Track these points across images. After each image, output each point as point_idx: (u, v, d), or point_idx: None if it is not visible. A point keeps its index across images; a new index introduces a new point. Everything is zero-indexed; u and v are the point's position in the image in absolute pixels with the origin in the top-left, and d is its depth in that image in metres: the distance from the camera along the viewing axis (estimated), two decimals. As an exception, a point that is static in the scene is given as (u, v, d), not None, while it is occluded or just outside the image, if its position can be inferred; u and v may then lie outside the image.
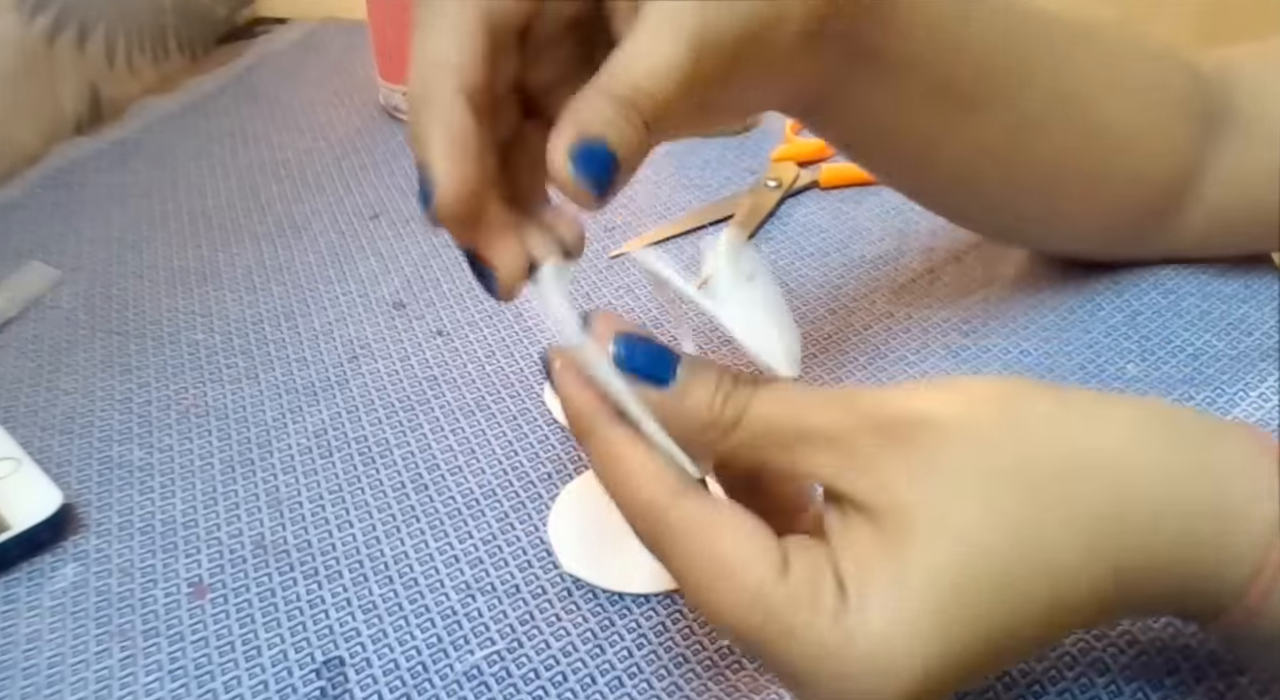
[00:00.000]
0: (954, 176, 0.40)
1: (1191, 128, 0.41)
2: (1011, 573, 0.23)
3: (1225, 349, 0.42)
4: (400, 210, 0.60)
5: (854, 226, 0.55)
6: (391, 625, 0.35)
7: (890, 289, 0.50)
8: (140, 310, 0.52)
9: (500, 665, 0.34)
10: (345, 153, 0.67)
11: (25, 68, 0.64)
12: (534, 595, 0.36)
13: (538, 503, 0.40)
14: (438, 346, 0.48)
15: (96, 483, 0.42)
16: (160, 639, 0.35)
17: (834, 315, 0.48)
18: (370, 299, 0.52)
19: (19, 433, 0.43)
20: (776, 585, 0.23)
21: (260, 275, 0.55)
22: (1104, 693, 0.30)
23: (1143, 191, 0.42)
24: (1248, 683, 0.30)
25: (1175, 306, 0.45)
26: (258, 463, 0.42)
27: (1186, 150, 0.41)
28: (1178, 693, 0.30)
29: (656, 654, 0.34)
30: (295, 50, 0.83)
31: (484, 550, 0.38)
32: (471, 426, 0.44)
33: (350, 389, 0.46)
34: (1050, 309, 0.46)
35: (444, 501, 0.40)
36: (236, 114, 0.73)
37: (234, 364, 0.48)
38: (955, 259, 0.51)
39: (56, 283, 0.55)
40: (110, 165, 0.66)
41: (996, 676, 0.31)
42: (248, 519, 0.40)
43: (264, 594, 0.37)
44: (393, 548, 0.38)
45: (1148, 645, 0.31)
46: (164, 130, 0.70)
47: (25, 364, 0.49)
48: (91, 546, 0.39)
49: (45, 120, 0.67)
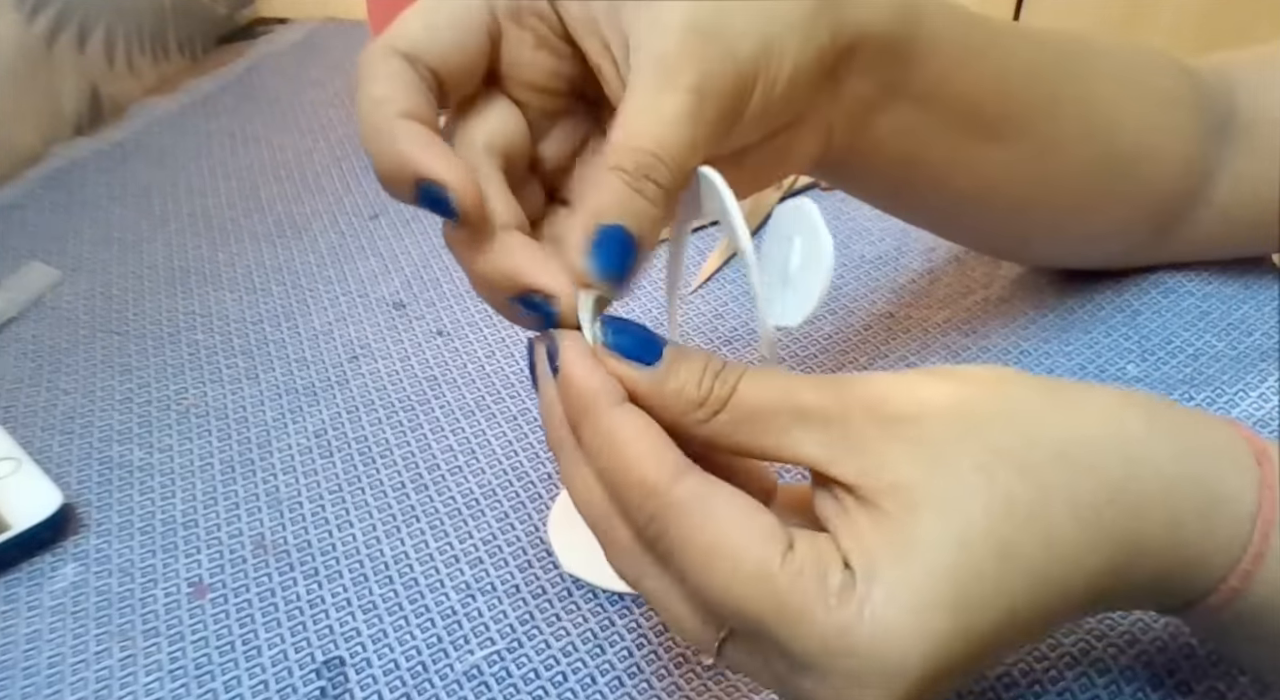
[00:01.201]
0: (968, 204, 0.39)
1: (1203, 136, 0.41)
2: (1016, 553, 0.22)
3: (1225, 349, 0.42)
4: (400, 210, 0.60)
5: (854, 226, 0.55)
6: (391, 625, 0.35)
7: (890, 289, 0.50)
8: (140, 310, 0.52)
9: (500, 665, 0.34)
10: (345, 153, 0.67)
11: (25, 68, 0.64)
12: (534, 595, 0.36)
13: (538, 503, 0.40)
14: (438, 346, 0.49)
15: (96, 483, 0.42)
16: (160, 639, 0.35)
17: (834, 315, 0.48)
18: (370, 299, 0.52)
19: (19, 433, 0.43)
20: (783, 565, 0.22)
21: (260, 275, 0.55)
22: (1104, 693, 0.30)
23: (1157, 203, 0.42)
24: (1248, 682, 0.30)
25: (1175, 306, 0.45)
26: (258, 463, 0.42)
27: (1200, 159, 0.41)
28: (1178, 693, 0.30)
29: (656, 654, 0.34)
30: (295, 50, 0.83)
31: (484, 550, 0.38)
32: (471, 426, 0.44)
33: (350, 389, 0.46)
34: (1050, 309, 0.46)
35: (444, 501, 0.40)
36: (236, 114, 0.73)
37: (234, 364, 0.48)
38: (955, 259, 0.51)
39: (56, 283, 0.55)
40: (110, 165, 0.66)
41: (996, 676, 0.31)
42: (248, 519, 0.40)
43: (264, 594, 0.37)
44: (393, 548, 0.38)
45: (1148, 645, 0.31)
46: (164, 130, 0.70)
47: (25, 364, 0.49)
48: (91, 546, 0.39)
49: (45, 120, 0.67)
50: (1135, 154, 0.40)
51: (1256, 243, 0.45)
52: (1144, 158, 0.40)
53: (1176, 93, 0.41)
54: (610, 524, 0.25)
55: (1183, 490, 0.24)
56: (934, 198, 0.39)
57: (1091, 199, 0.40)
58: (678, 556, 0.23)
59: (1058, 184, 0.39)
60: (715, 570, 0.22)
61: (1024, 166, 0.38)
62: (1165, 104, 0.41)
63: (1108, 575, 0.23)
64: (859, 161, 0.35)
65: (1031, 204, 0.40)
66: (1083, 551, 0.23)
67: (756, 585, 0.22)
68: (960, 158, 0.36)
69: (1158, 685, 0.30)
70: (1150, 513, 0.24)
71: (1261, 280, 0.46)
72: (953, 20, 0.34)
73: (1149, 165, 0.40)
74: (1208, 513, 0.24)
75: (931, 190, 0.38)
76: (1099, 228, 0.42)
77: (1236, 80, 0.42)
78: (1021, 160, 0.38)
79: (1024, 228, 0.42)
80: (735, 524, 0.23)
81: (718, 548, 0.22)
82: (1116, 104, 0.39)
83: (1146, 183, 0.41)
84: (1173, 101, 0.41)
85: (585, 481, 0.25)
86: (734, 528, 0.22)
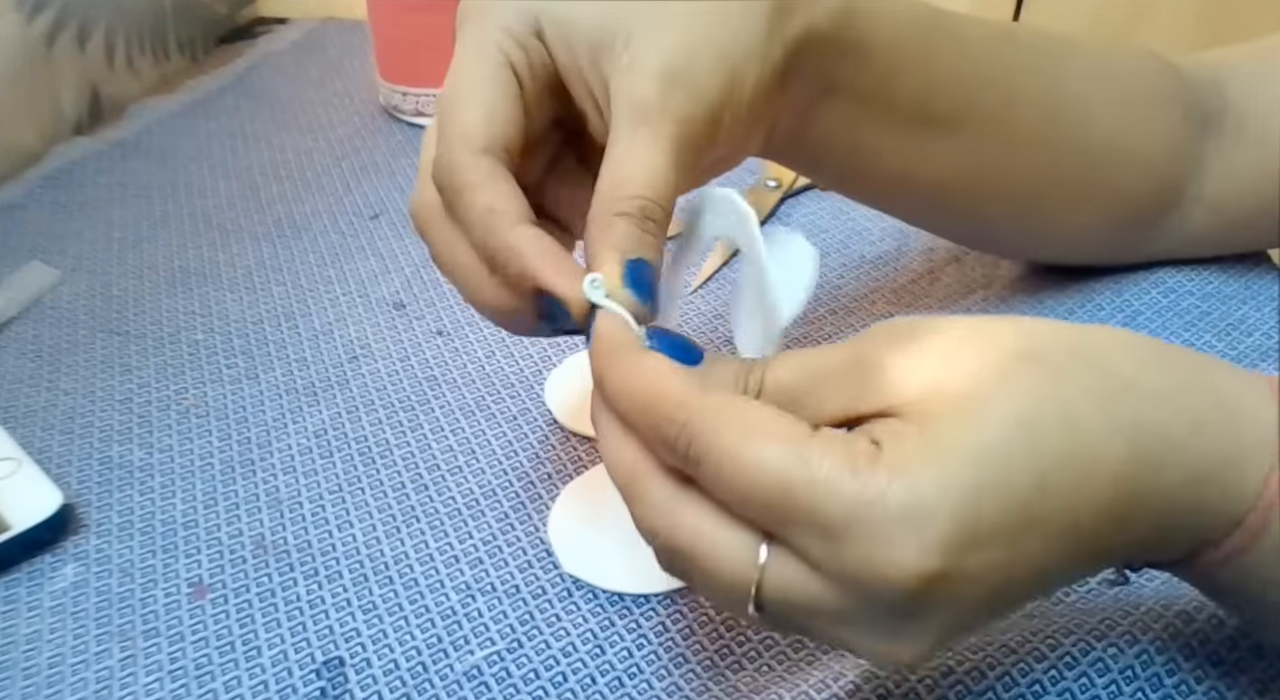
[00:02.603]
0: (936, 195, 0.40)
1: (1179, 128, 0.41)
2: (1039, 428, 0.23)
3: (1225, 349, 0.42)
4: (400, 210, 0.60)
5: (854, 227, 0.55)
6: (391, 625, 0.35)
7: (890, 289, 0.50)
8: (140, 310, 0.52)
9: (500, 665, 0.34)
10: (345, 153, 0.67)
11: (25, 68, 0.64)
12: (534, 595, 0.36)
13: (538, 503, 0.40)
14: (438, 346, 0.49)
15: (96, 483, 0.42)
16: (160, 639, 0.35)
17: (834, 315, 0.48)
18: (370, 299, 0.52)
19: (19, 433, 0.43)
20: (811, 438, 0.23)
21: (260, 275, 0.55)
22: (1104, 693, 0.30)
23: (1135, 196, 0.42)
24: (1248, 682, 0.30)
25: (1175, 306, 0.45)
26: (258, 463, 0.42)
27: (1178, 153, 0.41)
28: (1178, 693, 0.30)
29: (656, 654, 0.34)
30: (295, 50, 0.83)
31: (484, 550, 0.38)
32: (471, 426, 0.44)
33: (350, 389, 0.46)
34: (1050, 309, 0.46)
35: (444, 501, 0.40)
36: (236, 114, 0.73)
37: (234, 364, 0.48)
38: (955, 259, 0.51)
39: (56, 283, 0.55)
40: (110, 165, 0.66)
41: (996, 677, 0.31)
42: (248, 519, 0.40)
43: (264, 594, 0.37)
44: (393, 548, 0.38)
45: (1148, 645, 0.31)
46: (164, 130, 0.70)
47: (25, 364, 0.49)
48: (91, 546, 0.39)
49: (45, 120, 0.67)
50: (1109, 151, 0.40)
51: (1252, 239, 0.45)
52: (1119, 155, 0.40)
53: (1157, 90, 0.41)
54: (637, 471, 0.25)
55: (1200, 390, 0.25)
56: (882, 186, 0.40)
57: (1061, 194, 0.41)
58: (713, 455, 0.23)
59: (1022, 177, 0.40)
60: (747, 452, 0.23)
61: (979, 159, 0.39)
62: (1144, 102, 0.41)
63: (1134, 463, 0.23)
64: (803, 151, 0.37)
65: (993, 196, 0.40)
66: (1104, 437, 0.23)
67: (786, 457, 0.22)
68: (906, 149, 0.37)
69: (1157, 686, 0.30)
70: (1167, 403, 0.24)
71: (1261, 280, 0.46)
72: (900, 18, 0.35)
73: (1125, 162, 0.41)
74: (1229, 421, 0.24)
75: (879, 179, 0.39)
76: (1073, 222, 0.42)
77: (1228, 75, 0.42)
78: (975, 153, 0.38)
79: (989, 218, 0.42)
80: (765, 416, 0.23)
81: (750, 433, 0.23)
82: (1088, 102, 0.39)
83: (1122, 180, 0.41)
84: (1152, 99, 0.41)
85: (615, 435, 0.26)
86: (764, 417, 0.23)
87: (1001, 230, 0.43)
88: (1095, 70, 0.40)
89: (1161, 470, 0.24)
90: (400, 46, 0.68)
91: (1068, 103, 0.39)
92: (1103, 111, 0.40)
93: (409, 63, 0.69)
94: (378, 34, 0.69)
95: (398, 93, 0.69)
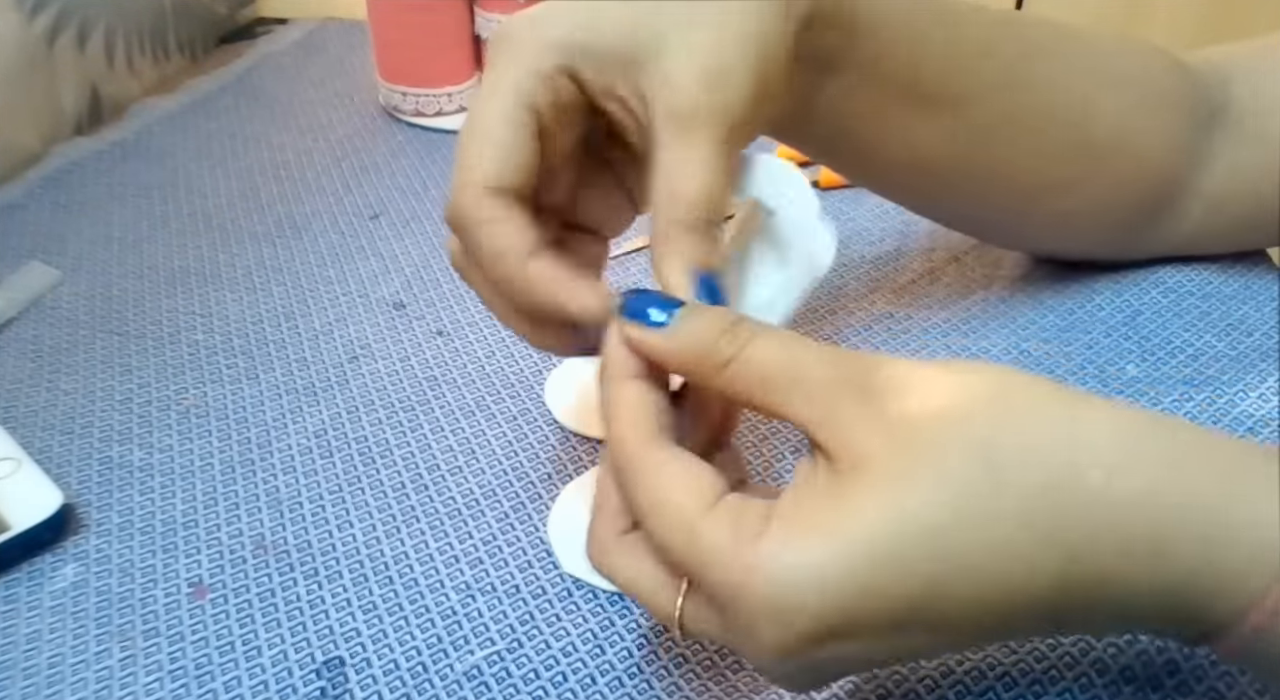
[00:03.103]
0: (932, 177, 0.40)
1: (1182, 123, 0.41)
2: (948, 541, 0.23)
3: (1225, 349, 0.42)
4: (400, 210, 0.60)
5: (854, 226, 0.55)
6: (391, 625, 0.35)
7: (890, 289, 0.50)
8: (140, 310, 0.52)
9: (500, 665, 0.34)
10: (345, 153, 0.67)
11: (25, 68, 0.64)
12: (534, 595, 0.36)
13: (538, 503, 0.40)
14: (438, 346, 0.49)
15: (96, 483, 0.42)
16: (160, 639, 0.35)
17: (834, 315, 0.48)
18: (370, 299, 0.52)
19: (19, 433, 0.43)
20: (704, 513, 0.24)
21: (260, 275, 0.55)
22: (1104, 693, 0.30)
23: (1134, 188, 0.42)
24: (1248, 682, 0.30)
25: (1175, 306, 0.45)
26: (258, 463, 0.42)
27: (1178, 146, 0.41)
28: (1178, 693, 0.30)
29: (656, 654, 0.34)
30: (295, 50, 0.83)
31: (484, 550, 0.38)
32: (471, 426, 0.44)
33: (350, 389, 0.46)
34: (1050, 309, 0.46)
35: (444, 501, 0.40)
36: (236, 114, 0.73)
37: (234, 364, 0.48)
38: (955, 259, 0.51)
39: (56, 283, 0.55)
40: (110, 165, 0.66)
41: (996, 677, 0.31)
42: (248, 519, 0.40)
43: (264, 594, 0.37)
44: (393, 548, 0.38)
45: (1148, 645, 0.31)
46: (164, 130, 0.70)
47: (25, 364, 0.49)
48: (91, 546, 0.39)
49: (45, 120, 0.67)
50: (1109, 141, 0.40)
51: (1253, 237, 0.45)
52: (1121, 147, 0.40)
53: (1162, 85, 0.41)
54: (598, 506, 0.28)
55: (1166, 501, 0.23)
56: (878, 165, 0.40)
57: (1058, 181, 0.41)
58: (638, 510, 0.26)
59: (1019, 162, 0.40)
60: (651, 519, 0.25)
61: (975, 141, 0.39)
62: (1148, 96, 0.41)
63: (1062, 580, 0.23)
64: (800, 128, 0.37)
65: (990, 180, 0.40)
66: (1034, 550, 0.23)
67: (680, 532, 0.24)
68: (901, 128, 0.38)
69: (1157, 685, 0.30)
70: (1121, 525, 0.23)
71: (1262, 280, 0.46)
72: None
73: (1124, 152, 0.41)
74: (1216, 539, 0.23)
75: (875, 158, 0.40)
76: (1070, 210, 0.42)
77: (1233, 71, 0.42)
78: (972, 134, 0.39)
79: (986, 203, 0.42)
80: (678, 481, 0.25)
81: (658, 501, 0.25)
82: (1093, 92, 0.40)
83: (1120, 170, 0.41)
84: (1157, 94, 0.41)
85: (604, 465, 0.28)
86: (675, 483, 0.25)
87: (999, 217, 0.43)
88: (1098, 60, 0.40)
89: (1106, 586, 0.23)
90: (400, 46, 0.68)
91: (1068, 89, 0.39)
92: (1103, 100, 0.40)
93: (409, 63, 0.69)
94: (378, 34, 0.69)
95: (398, 93, 0.70)
